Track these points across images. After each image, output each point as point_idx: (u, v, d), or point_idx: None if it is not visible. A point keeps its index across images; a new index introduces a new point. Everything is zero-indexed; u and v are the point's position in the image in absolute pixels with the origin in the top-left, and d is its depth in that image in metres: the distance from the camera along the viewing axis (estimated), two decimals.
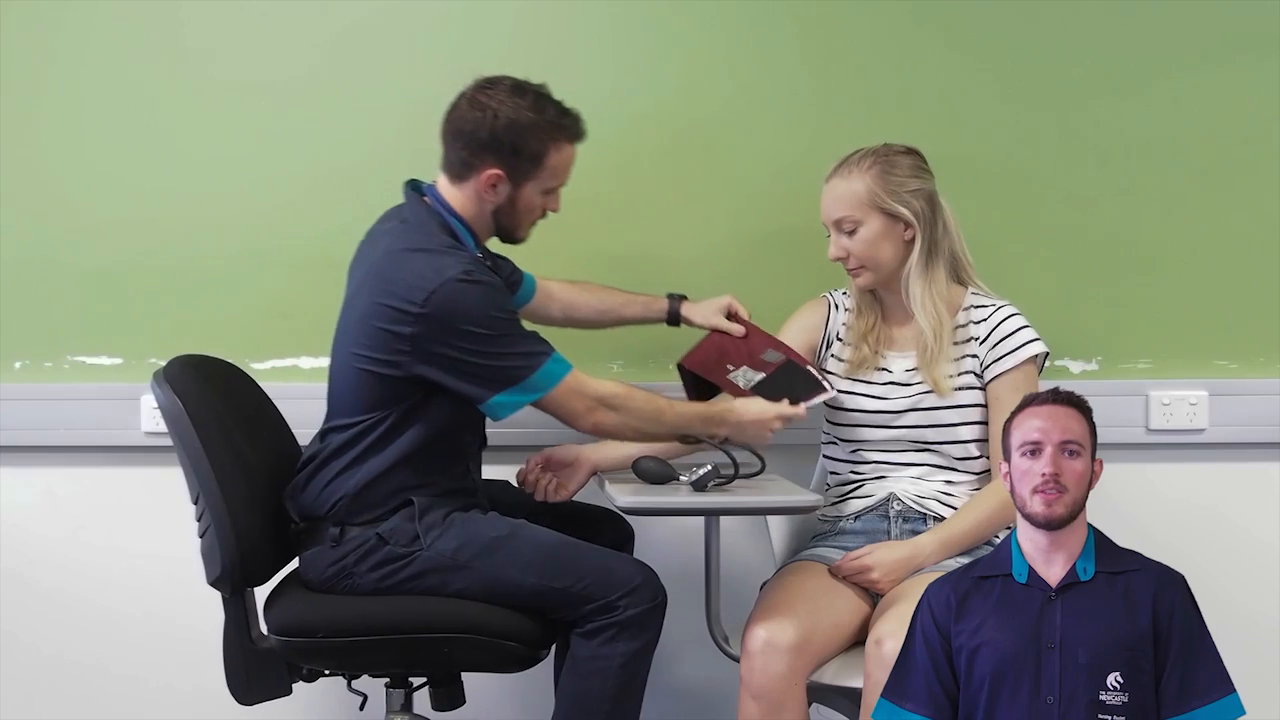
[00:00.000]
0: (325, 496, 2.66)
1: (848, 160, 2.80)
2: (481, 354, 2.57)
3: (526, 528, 2.67)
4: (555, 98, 2.70)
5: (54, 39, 3.18)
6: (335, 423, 2.69)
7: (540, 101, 2.67)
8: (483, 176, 2.67)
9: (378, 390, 2.62)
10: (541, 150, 2.67)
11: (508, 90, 2.66)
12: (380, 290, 2.59)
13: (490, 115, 2.64)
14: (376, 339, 2.59)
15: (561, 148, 2.69)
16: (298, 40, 3.21)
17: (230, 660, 2.68)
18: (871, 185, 2.76)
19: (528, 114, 2.65)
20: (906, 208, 2.77)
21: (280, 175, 3.22)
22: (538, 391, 2.61)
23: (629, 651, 2.58)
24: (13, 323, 3.22)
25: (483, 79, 2.70)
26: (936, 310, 2.79)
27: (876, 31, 3.21)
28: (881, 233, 2.78)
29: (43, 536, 3.27)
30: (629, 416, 2.67)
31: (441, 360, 2.57)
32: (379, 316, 2.58)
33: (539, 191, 2.71)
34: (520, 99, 2.65)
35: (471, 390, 2.59)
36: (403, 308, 2.55)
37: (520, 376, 2.59)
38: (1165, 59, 3.22)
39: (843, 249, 2.80)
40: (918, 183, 2.79)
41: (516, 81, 2.69)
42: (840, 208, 2.79)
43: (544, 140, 2.66)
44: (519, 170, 2.67)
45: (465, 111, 2.67)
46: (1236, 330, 3.25)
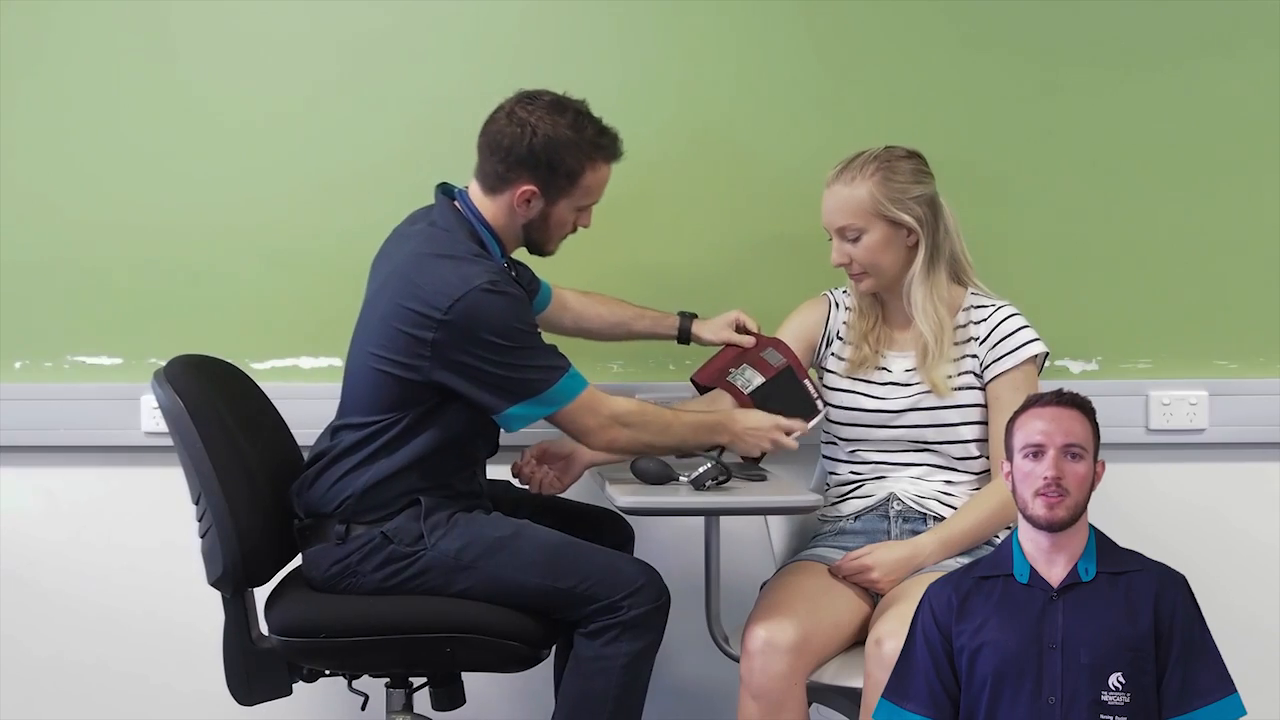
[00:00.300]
0: (333, 494, 2.66)
1: (849, 165, 2.78)
2: (500, 364, 2.57)
3: (530, 528, 2.67)
4: (595, 115, 2.68)
5: (54, 39, 3.18)
6: (348, 420, 2.69)
7: (579, 120, 2.65)
8: (517, 192, 2.66)
9: (394, 392, 2.62)
10: (578, 169, 2.65)
11: (547, 106, 2.64)
12: (404, 293, 2.59)
13: (529, 131, 2.62)
14: (396, 341, 2.59)
15: (598, 167, 2.68)
16: (301, 42, 3.21)
17: (230, 660, 2.67)
18: (874, 193, 2.75)
19: (566, 132, 2.63)
20: (910, 214, 2.76)
21: (281, 176, 3.22)
22: (553, 405, 2.61)
23: (632, 652, 2.58)
24: (13, 323, 3.22)
25: (522, 93, 2.68)
26: (938, 315, 2.78)
27: (879, 33, 3.20)
28: (885, 240, 2.77)
29: (43, 537, 3.26)
30: (641, 432, 2.68)
31: (461, 368, 2.57)
32: (401, 319, 2.58)
33: (572, 209, 2.70)
34: (560, 116, 2.63)
35: (488, 400, 2.60)
36: (426, 313, 2.55)
37: (537, 389, 2.59)
38: (1165, 59, 3.22)
39: (845, 255, 2.80)
40: (920, 188, 2.77)
41: (557, 97, 2.67)
42: (843, 216, 2.77)
43: (581, 159, 2.65)
44: (554, 187, 2.66)
45: (503, 125, 2.65)
46: (1236, 330, 3.25)
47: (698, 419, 2.74)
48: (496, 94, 2.70)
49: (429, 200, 2.76)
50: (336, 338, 2.86)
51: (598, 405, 2.65)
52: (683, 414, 2.74)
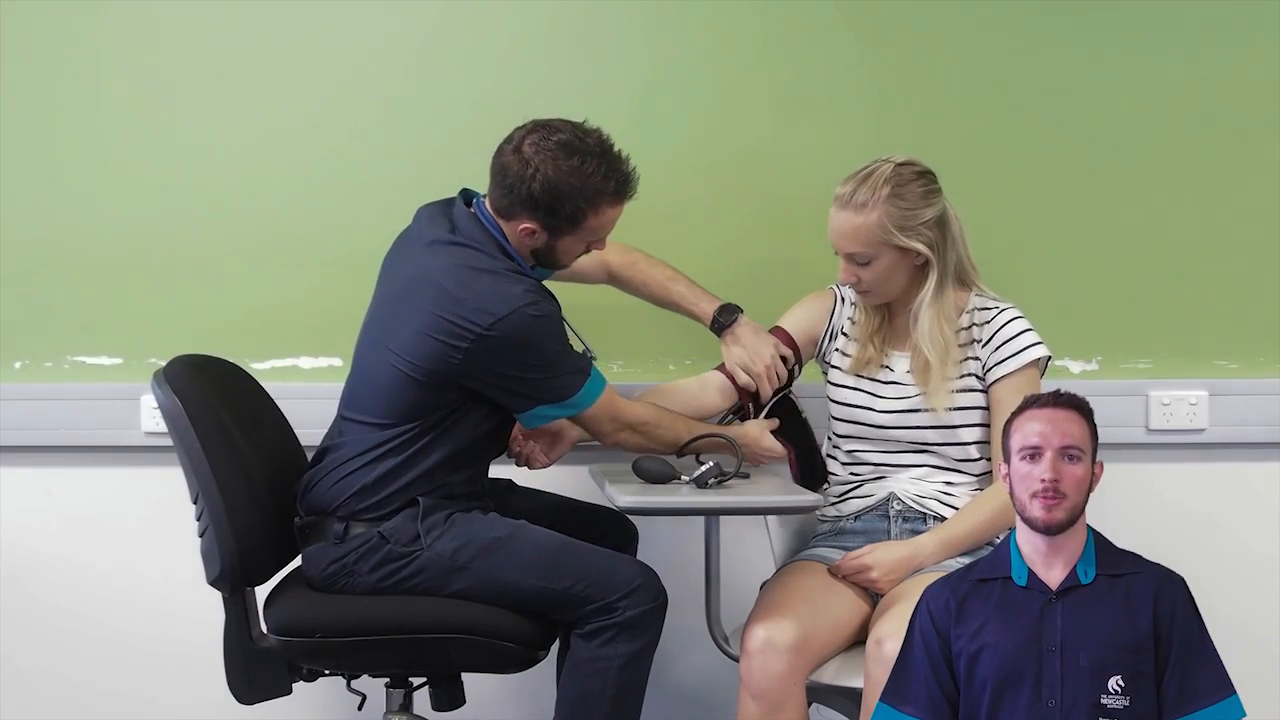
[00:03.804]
0: (336, 492, 2.66)
1: (859, 187, 2.71)
2: (530, 378, 2.61)
3: (527, 529, 2.67)
4: (610, 150, 2.61)
5: (55, 39, 3.18)
6: (360, 418, 2.68)
7: (586, 164, 2.57)
8: (520, 226, 2.64)
9: (416, 397, 2.62)
10: (579, 215, 2.61)
11: (555, 147, 2.57)
12: (442, 305, 2.57)
13: (531, 172, 2.57)
14: (428, 348, 2.58)
15: (602, 211, 2.63)
16: (302, 39, 3.21)
17: (230, 659, 2.68)
18: (883, 220, 2.70)
19: (570, 180, 2.57)
20: (920, 240, 2.72)
21: (282, 176, 3.22)
22: (575, 408, 2.67)
23: (629, 652, 2.58)
24: (13, 323, 3.22)
25: (537, 123, 2.61)
26: (943, 337, 2.76)
27: (880, 33, 3.21)
28: (893, 265, 2.74)
29: (43, 536, 3.27)
30: (649, 440, 2.75)
31: (491, 375, 2.60)
32: (437, 329, 2.57)
33: (579, 243, 2.68)
34: (565, 160, 2.57)
35: (512, 402, 2.64)
36: (466, 326, 2.55)
37: (563, 396, 2.64)
38: (1165, 59, 3.22)
39: (854, 275, 2.77)
40: (930, 210, 2.73)
41: (569, 136, 2.58)
42: (851, 243, 2.73)
43: (583, 206, 2.60)
44: (556, 229, 2.63)
45: (509, 160, 2.60)
46: (1236, 330, 3.25)
47: (709, 441, 2.79)
48: (503, 98, 2.70)
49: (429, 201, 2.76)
50: (337, 337, 2.86)
51: (615, 411, 2.71)
52: (695, 427, 2.80)
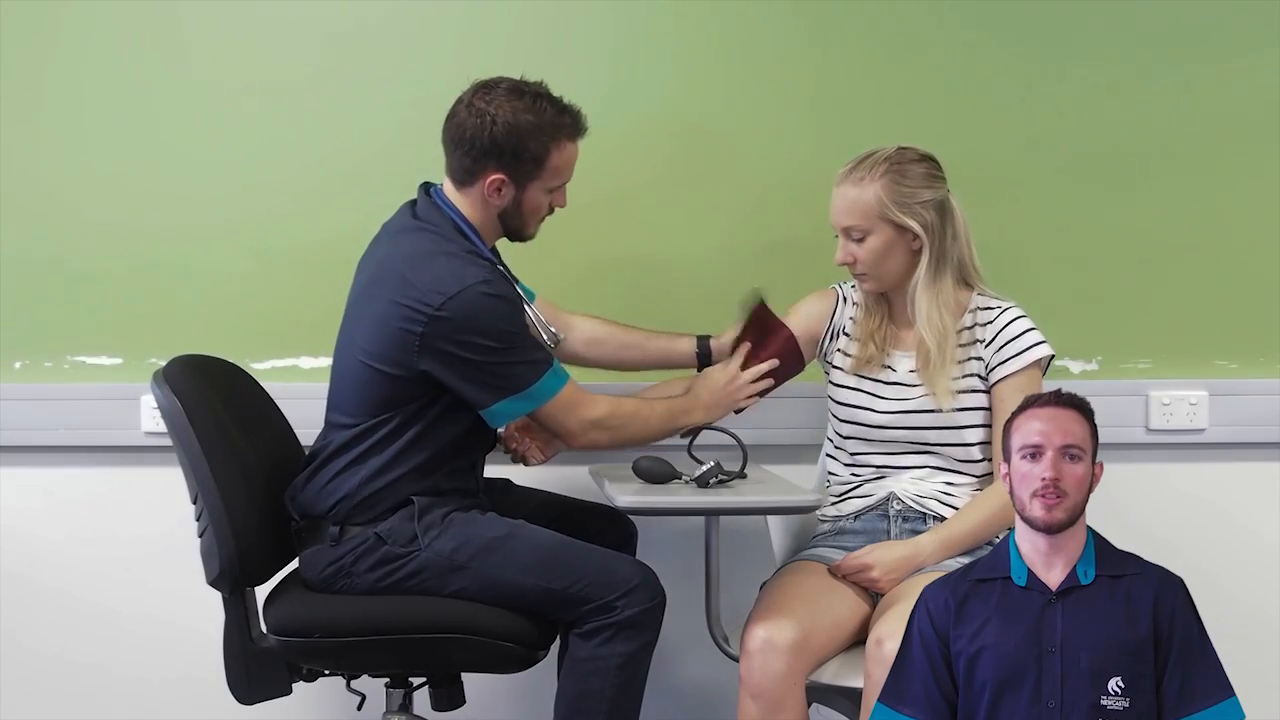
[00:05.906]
0: (325, 495, 2.66)
1: (860, 164, 2.76)
2: (486, 362, 2.59)
3: (525, 528, 2.67)
4: (554, 95, 2.69)
5: (54, 39, 3.18)
6: (337, 420, 2.70)
7: (538, 102, 2.66)
8: (487, 182, 2.67)
9: (384, 391, 2.63)
10: (543, 152, 2.66)
11: (505, 93, 2.66)
12: (399, 290, 2.59)
13: (489, 121, 2.64)
14: (389, 338, 2.60)
15: (563, 147, 2.69)
16: (298, 41, 3.21)
17: (230, 660, 2.68)
18: (881, 195, 2.73)
19: (526, 116, 2.64)
20: (915, 219, 2.74)
21: (281, 176, 3.22)
22: (537, 400, 2.65)
23: (627, 652, 2.58)
24: (13, 323, 3.22)
25: (479, 83, 2.70)
26: (942, 323, 2.76)
27: (881, 32, 3.20)
28: (889, 243, 2.76)
29: (43, 536, 3.27)
30: (620, 434, 2.74)
31: (447, 358, 2.58)
32: (396, 316, 2.59)
33: (544, 190, 2.71)
34: (518, 101, 2.65)
35: (472, 394, 2.61)
36: (419, 308, 2.56)
37: (521, 385, 2.62)
38: (1165, 59, 3.22)
39: (850, 254, 2.78)
40: (930, 193, 2.75)
41: (514, 83, 2.68)
42: (849, 216, 2.76)
43: (544, 141, 2.66)
44: (522, 173, 2.67)
45: (464, 118, 2.67)
46: (1236, 330, 3.25)
47: (668, 405, 2.78)
48: None
49: None
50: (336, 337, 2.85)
51: (578, 406, 2.68)
52: (655, 403, 2.79)
